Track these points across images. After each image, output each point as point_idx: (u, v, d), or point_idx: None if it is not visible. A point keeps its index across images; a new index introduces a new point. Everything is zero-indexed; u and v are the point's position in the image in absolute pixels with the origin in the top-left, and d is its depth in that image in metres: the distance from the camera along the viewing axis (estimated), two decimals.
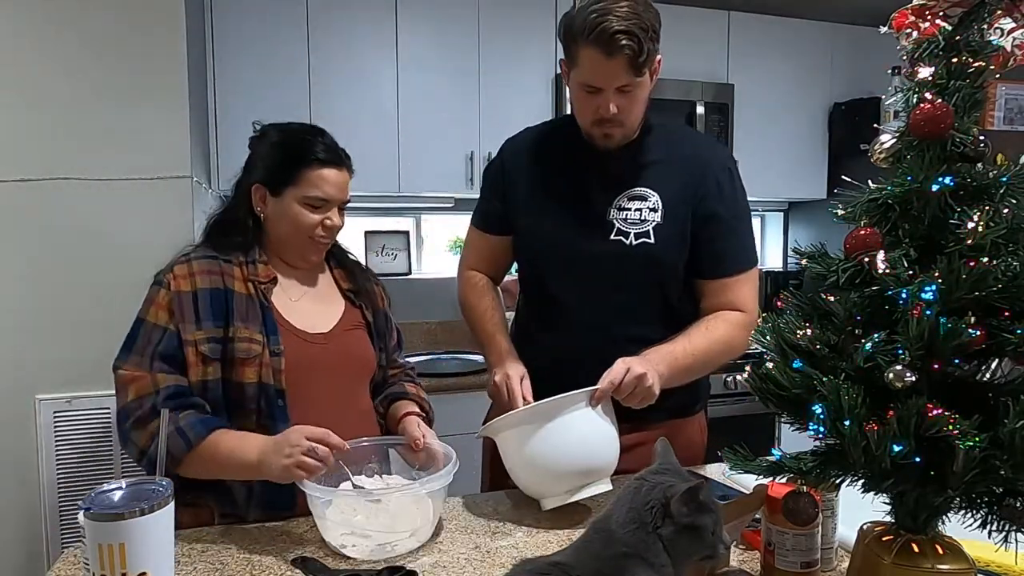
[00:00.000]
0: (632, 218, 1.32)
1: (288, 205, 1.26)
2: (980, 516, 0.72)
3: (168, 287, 1.20)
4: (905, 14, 0.79)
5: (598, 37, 1.16)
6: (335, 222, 1.30)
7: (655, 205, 1.32)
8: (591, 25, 1.16)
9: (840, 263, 0.77)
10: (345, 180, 1.30)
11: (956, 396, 0.69)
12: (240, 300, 1.22)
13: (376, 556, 1.05)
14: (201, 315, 1.19)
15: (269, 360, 1.20)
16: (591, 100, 1.25)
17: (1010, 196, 0.73)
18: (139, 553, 0.80)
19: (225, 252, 1.26)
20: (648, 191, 1.33)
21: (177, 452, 1.11)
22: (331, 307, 1.35)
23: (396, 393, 1.40)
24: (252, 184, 1.28)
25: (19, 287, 1.80)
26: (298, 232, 1.27)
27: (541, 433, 1.14)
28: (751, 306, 1.33)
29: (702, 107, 2.91)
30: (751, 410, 2.72)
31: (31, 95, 1.78)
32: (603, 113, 1.25)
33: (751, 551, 1.04)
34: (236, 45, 2.47)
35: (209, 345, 1.18)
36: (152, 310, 1.20)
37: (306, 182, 1.25)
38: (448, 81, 2.70)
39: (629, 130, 1.31)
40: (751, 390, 0.82)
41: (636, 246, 1.31)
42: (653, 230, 1.31)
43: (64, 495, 1.84)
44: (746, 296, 1.34)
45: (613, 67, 1.19)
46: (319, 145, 1.27)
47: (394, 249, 3.07)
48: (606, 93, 1.23)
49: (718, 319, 1.32)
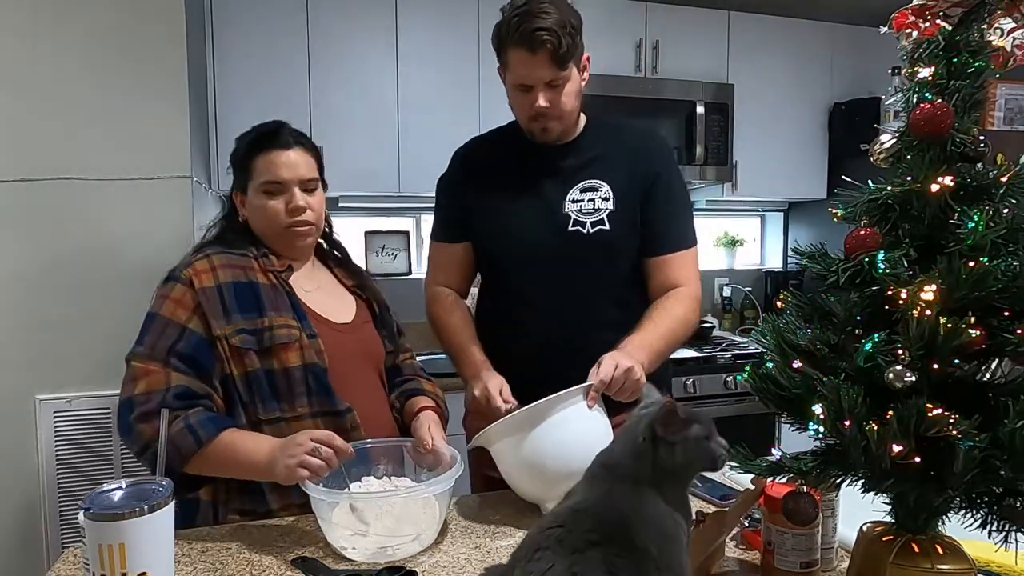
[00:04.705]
0: (586, 208, 1.39)
1: (254, 199, 1.29)
2: (980, 516, 0.72)
3: (190, 284, 1.20)
4: (905, 14, 0.79)
5: (520, 36, 1.27)
6: (297, 202, 1.27)
7: (606, 195, 1.39)
8: (514, 27, 1.28)
9: (840, 263, 0.77)
10: (299, 159, 1.29)
11: (956, 396, 0.69)
12: (267, 290, 1.24)
13: (377, 559, 1.05)
14: (229, 308, 1.20)
15: (308, 343, 1.22)
16: (524, 98, 1.34)
17: (1010, 196, 0.73)
18: (139, 553, 0.80)
19: (237, 247, 1.28)
20: (598, 182, 1.40)
21: (187, 449, 1.11)
22: (344, 300, 1.39)
23: (412, 389, 1.42)
24: (233, 192, 1.33)
25: (19, 287, 1.80)
26: (270, 222, 1.29)
27: (535, 435, 1.13)
28: (694, 282, 1.43)
29: (702, 107, 2.91)
30: (751, 410, 2.71)
31: (31, 95, 1.78)
32: (536, 108, 1.33)
33: (751, 551, 1.04)
34: (236, 45, 2.47)
35: (241, 337, 1.18)
36: (168, 305, 1.20)
37: (259, 170, 1.28)
38: (448, 81, 2.70)
39: (566, 123, 1.39)
40: (751, 390, 0.82)
41: (593, 234, 1.38)
42: (607, 218, 1.38)
43: (64, 495, 1.84)
44: (690, 271, 1.44)
45: (537, 63, 1.29)
46: (265, 133, 1.29)
47: (394, 249, 3.07)
48: (536, 89, 1.32)
49: (670, 299, 1.39)
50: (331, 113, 2.55)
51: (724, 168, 2.99)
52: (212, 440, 1.12)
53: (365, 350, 1.36)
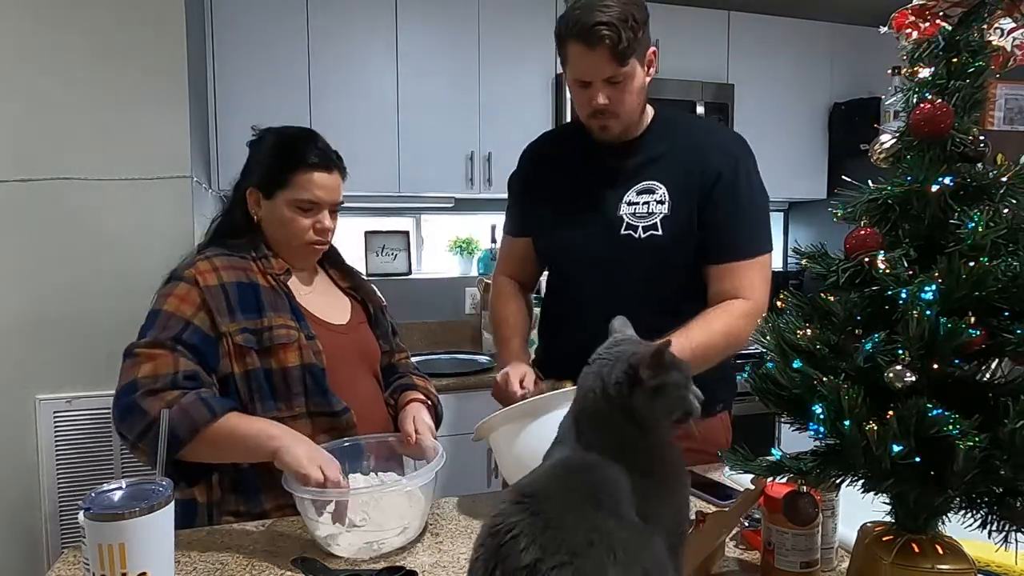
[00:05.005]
0: (640, 212, 1.34)
1: (279, 208, 1.28)
2: (980, 516, 0.72)
3: (194, 282, 1.21)
4: (905, 14, 0.79)
5: (579, 31, 1.23)
6: (326, 224, 1.31)
7: (662, 197, 1.34)
8: (573, 21, 1.23)
9: (840, 263, 0.77)
10: (336, 183, 1.31)
11: (956, 396, 0.69)
12: (266, 292, 1.25)
13: (363, 554, 1.05)
14: (233, 307, 1.21)
15: (307, 343, 1.23)
16: (584, 94, 1.30)
17: (1010, 196, 0.73)
18: (139, 553, 0.80)
19: (236, 250, 1.28)
20: (655, 184, 1.35)
21: (200, 419, 1.10)
22: (339, 302, 1.40)
23: (404, 384, 1.43)
24: (248, 187, 1.31)
25: (19, 287, 1.80)
26: (290, 235, 1.30)
27: (530, 430, 1.12)
28: (758, 294, 1.32)
29: (702, 107, 2.91)
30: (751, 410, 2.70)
31: (32, 95, 1.78)
32: (595, 105, 1.29)
33: (751, 551, 1.04)
34: (236, 45, 2.47)
35: (244, 335, 1.19)
36: (172, 301, 1.19)
37: (296, 185, 1.27)
38: (448, 81, 2.70)
39: (627, 121, 1.34)
40: (751, 390, 0.82)
41: (644, 239, 1.33)
42: (660, 222, 1.33)
43: (64, 495, 1.84)
44: (752, 282, 1.32)
45: (596, 58, 1.24)
46: (311, 149, 1.28)
47: (394, 249, 3.07)
48: (595, 85, 1.28)
49: (719, 310, 1.31)
50: (331, 113, 2.55)
51: None
52: (226, 414, 1.12)
53: (361, 351, 1.37)
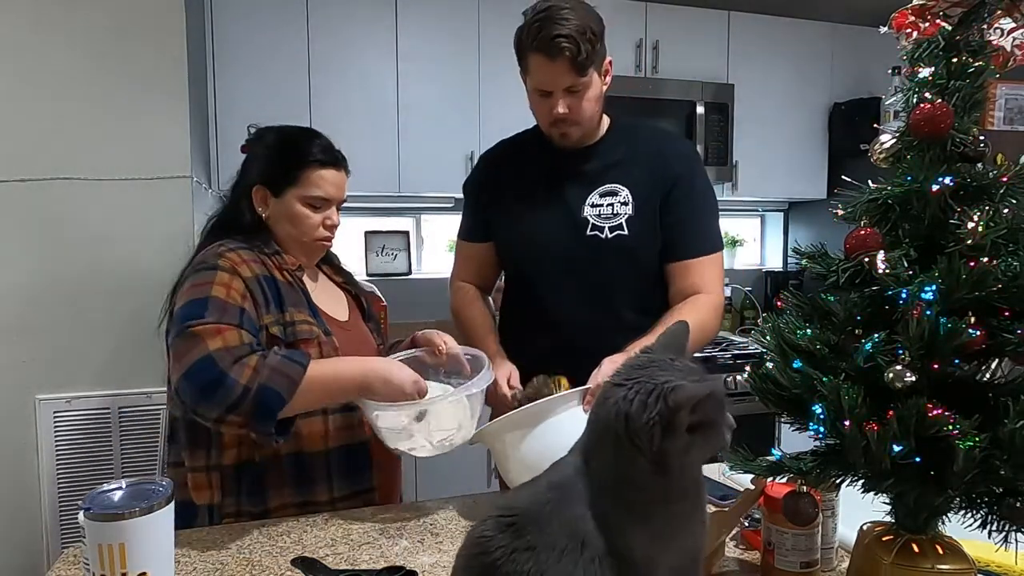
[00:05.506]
0: (605, 213, 1.39)
1: (290, 205, 1.28)
2: (980, 516, 0.72)
3: (233, 271, 1.18)
4: (905, 14, 0.79)
5: (540, 43, 1.27)
6: (335, 220, 1.33)
7: (626, 199, 1.39)
8: (533, 32, 1.27)
9: (840, 263, 0.77)
10: (343, 180, 1.33)
11: (956, 396, 0.69)
12: (284, 287, 1.25)
13: (439, 451, 1.18)
14: (268, 299, 1.21)
15: (325, 339, 1.24)
16: (544, 103, 1.34)
17: (1010, 196, 0.73)
18: (139, 553, 0.80)
19: (250, 246, 1.27)
20: (618, 186, 1.40)
21: (294, 374, 1.09)
22: (339, 298, 1.41)
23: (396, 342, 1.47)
24: (253, 185, 1.29)
25: (19, 287, 1.80)
26: (300, 231, 1.30)
27: (532, 437, 1.13)
28: (716, 288, 1.41)
29: (702, 107, 2.91)
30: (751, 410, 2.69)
31: (32, 95, 1.78)
32: (556, 114, 1.33)
33: (751, 551, 1.04)
34: (236, 45, 2.47)
35: (277, 327, 1.20)
36: (219, 289, 1.15)
37: (307, 182, 1.27)
38: (448, 81, 2.70)
39: (586, 128, 1.38)
40: (751, 390, 0.82)
41: (611, 239, 1.38)
42: (626, 222, 1.38)
43: (64, 495, 1.85)
44: (713, 277, 1.41)
45: (557, 69, 1.28)
46: (318, 146, 1.29)
47: (394, 249, 3.07)
48: (555, 95, 1.32)
49: (687, 305, 1.37)
50: (331, 113, 2.55)
51: (724, 168, 3.00)
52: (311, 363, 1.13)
53: (363, 345, 1.38)
